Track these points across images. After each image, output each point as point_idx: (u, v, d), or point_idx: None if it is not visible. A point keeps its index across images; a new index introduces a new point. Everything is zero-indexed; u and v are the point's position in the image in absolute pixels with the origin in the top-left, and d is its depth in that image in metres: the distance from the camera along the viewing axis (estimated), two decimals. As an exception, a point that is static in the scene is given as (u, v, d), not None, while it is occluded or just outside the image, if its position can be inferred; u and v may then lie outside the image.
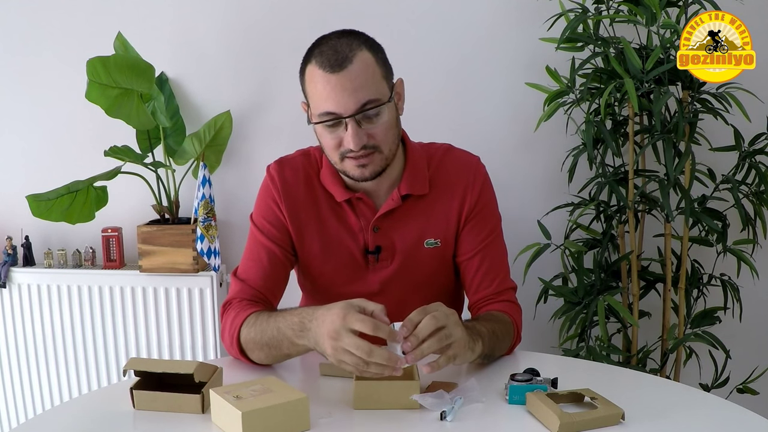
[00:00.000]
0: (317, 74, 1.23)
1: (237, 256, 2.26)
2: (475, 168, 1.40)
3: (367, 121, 1.25)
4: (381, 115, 1.25)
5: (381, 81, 1.26)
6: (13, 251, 2.27)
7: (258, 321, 1.25)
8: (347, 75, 1.21)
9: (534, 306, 1.97)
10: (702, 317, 1.95)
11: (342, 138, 1.25)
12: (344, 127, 1.24)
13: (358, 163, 1.27)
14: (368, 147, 1.26)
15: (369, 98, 1.23)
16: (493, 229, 1.40)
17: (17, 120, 2.33)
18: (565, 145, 2.01)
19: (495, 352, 1.28)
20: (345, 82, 1.21)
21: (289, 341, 1.18)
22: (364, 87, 1.22)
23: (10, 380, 2.33)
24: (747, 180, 1.89)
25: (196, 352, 2.20)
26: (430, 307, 1.10)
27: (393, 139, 1.30)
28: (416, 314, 1.09)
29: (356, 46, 1.24)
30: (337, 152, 1.28)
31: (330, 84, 1.22)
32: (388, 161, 1.31)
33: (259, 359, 1.27)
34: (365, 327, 1.05)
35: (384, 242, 1.37)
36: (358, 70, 1.22)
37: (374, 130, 1.25)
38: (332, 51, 1.23)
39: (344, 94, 1.21)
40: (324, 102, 1.23)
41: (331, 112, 1.23)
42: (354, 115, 1.22)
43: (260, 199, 1.41)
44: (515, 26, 2.08)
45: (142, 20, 2.20)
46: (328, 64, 1.22)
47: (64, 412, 1.19)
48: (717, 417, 1.08)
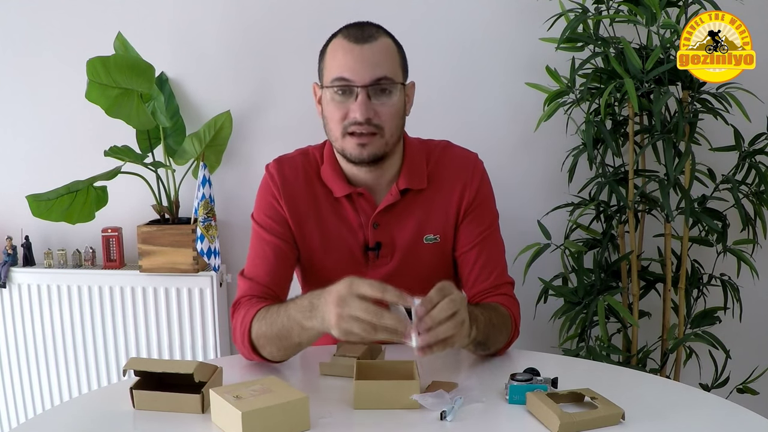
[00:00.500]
0: (340, 45, 1.30)
1: (237, 256, 2.27)
2: (474, 163, 1.41)
3: (378, 97, 1.28)
4: (391, 96, 1.29)
5: (398, 67, 1.32)
6: (13, 251, 2.27)
7: (268, 313, 1.25)
8: (370, 49, 1.28)
9: (534, 306, 1.97)
10: (702, 317, 1.95)
11: (349, 109, 1.28)
12: (354, 97, 1.27)
13: (359, 141, 1.29)
14: (372, 124, 1.28)
15: (385, 74, 1.28)
16: (491, 224, 1.41)
17: (17, 120, 2.33)
18: (565, 145, 2.01)
19: (489, 340, 1.26)
20: (366, 54, 1.27)
21: (299, 326, 1.17)
22: (382, 64, 1.28)
23: (10, 380, 2.33)
24: (747, 180, 1.89)
25: (196, 352, 2.20)
26: (446, 288, 1.08)
27: (396, 126, 1.33)
28: (435, 294, 1.07)
29: (382, 32, 1.32)
30: (340, 125, 1.30)
31: (352, 53, 1.27)
32: (388, 147, 1.32)
33: (271, 355, 1.26)
34: (373, 289, 1.04)
35: (384, 239, 1.38)
36: (380, 47, 1.29)
37: (382, 108, 1.28)
38: (358, 29, 1.31)
39: (363, 64, 1.27)
40: (341, 69, 1.28)
41: (346, 79, 1.27)
42: (367, 86, 1.26)
43: (260, 197, 1.42)
44: (515, 26, 2.08)
45: (142, 20, 2.20)
46: (353, 37, 1.29)
47: (64, 412, 1.19)
48: (717, 417, 1.08)
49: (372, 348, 1.27)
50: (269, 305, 1.28)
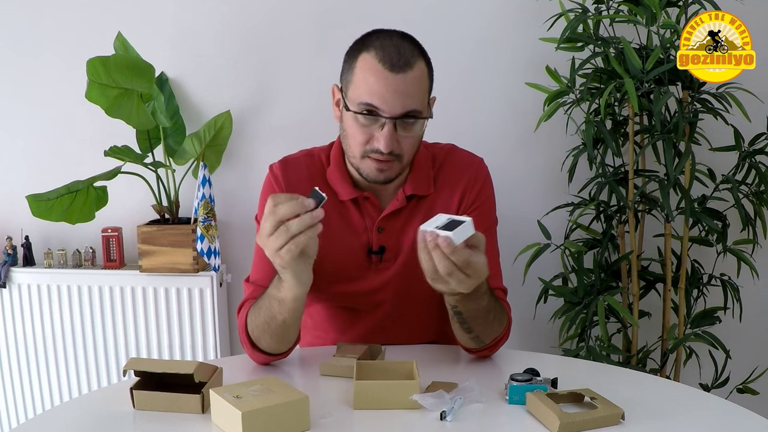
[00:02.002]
0: (375, 67, 1.23)
1: (237, 256, 2.27)
2: (477, 167, 1.41)
3: (404, 129, 1.26)
4: (415, 127, 1.28)
5: (426, 95, 1.29)
6: (13, 251, 2.27)
7: (255, 304, 1.26)
8: (405, 79, 1.23)
9: (534, 306, 1.98)
10: (702, 317, 1.95)
11: (373, 135, 1.26)
12: (380, 126, 1.25)
13: (379, 167, 1.28)
14: (393, 154, 1.27)
15: (414, 108, 1.25)
16: (489, 228, 1.40)
17: (17, 120, 2.33)
18: (565, 145, 2.01)
19: (474, 321, 1.22)
20: (400, 85, 1.22)
21: (276, 300, 1.18)
22: (414, 96, 1.24)
23: (10, 380, 2.33)
24: (747, 180, 1.89)
25: (196, 352, 2.20)
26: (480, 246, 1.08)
27: (414, 152, 1.33)
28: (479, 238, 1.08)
29: (418, 54, 1.26)
30: (361, 148, 1.28)
31: (387, 81, 1.22)
32: (403, 170, 1.33)
33: (268, 346, 1.25)
34: (289, 207, 1.04)
35: (388, 243, 1.37)
36: (414, 78, 1.24)
37: (405, 140, 1.27)
38: (395, 50, 1.23)
39: (396, 95, 1.23)
40: (371, 95, 1.23)
41: (375, 107, 1.24)
42: (396, 118, 1.24)
43: (264, 198, 1.41)
44: (515, 26, 2.08)
45: (142, 20, 2.20)
46: (390, 62, 1.22)
47: (64, 412, 1.19)
48: (717, 417, 1.08)
49: (372, 348, 1.27)
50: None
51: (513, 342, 1.48)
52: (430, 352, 1.38)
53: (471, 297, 1.17)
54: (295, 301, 1.17)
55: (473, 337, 1.26)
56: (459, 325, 1.25)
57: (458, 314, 1.22)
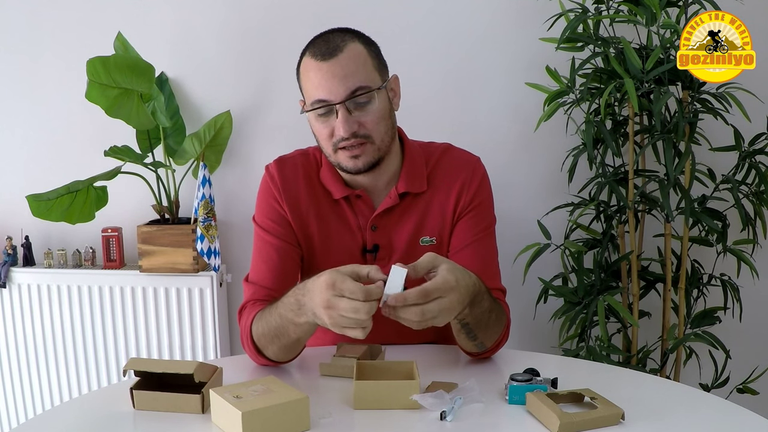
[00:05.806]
0: (310, 64, 1.27)
1: (237, 256, 2.27)
2: (474, 166, 1.40)
3: (358, 109, 1.27)
4: (372, 103, 1.27)
5: (372, 71, 1.28)
6: (13, 251, 2.27)
7: (263, 314, 1.25)
8: (337, 62, 1.25)
9: (534, 306, 1.98)
10: (702, 317, 1.95)
11: (334, 127, 1.27)
12: (335, 114, 1.26)
13: (351, 154, 1.29)
14: (359, 136, 1.27)
15: (359, 85, 1.25)
16: (487, 227, 1.39)
17: (17, 120, 2.33)
18: (565, 145, 2.01)
19: (478, 327, 1.21)
20: (335, 69, 1.24)
21: (292, 323, 1.17)
22: (355, 74, 1.25)
23: (10, 380, 2.33)
24: (747, 180, 1.89)
25: (196, 352, 2.20)
26: (449, 270, 1.08)
27: (385, 130, 1.31)
28: (427, 261, 1.09)
29: (348, 38, 1.28)
30: (330, 143, 1.29)
31: (321, 71, 1.25)
32: (381, 153, 1.32)
33: (275, 355, 1.25)
34: (356, 295, 1.03)
35: (382, 241, 1.37)
36: (348, 58, 1.25)
37: (365, 118, 1.27)
38: (324, 42, 1.27)
39: (334, 80, 1.24)
40: (315, 90, 1.26)
41: (322, 99, 1.26)
42: (344, 102, 1.25)
43: (260, 199, 1.41)
44: (515, 26, 2.08)
45: (142, 20, 2.20)
46: (320, 53, 1.26)
47: (64, 412, 1.19)
48: (717, 417, 1.08)
49: (372, 348, 1.27)
50: (264, 307, 1.28)
51: (513, 342, 1.48)
52: (430, 352, 1.38)
53: (474, 303, 1.16)
54: (315, 326, 1.17)
55: (477, 344, 1.26)
56: (465, 335, 1.24)
57: (465, 326, 1.21)
